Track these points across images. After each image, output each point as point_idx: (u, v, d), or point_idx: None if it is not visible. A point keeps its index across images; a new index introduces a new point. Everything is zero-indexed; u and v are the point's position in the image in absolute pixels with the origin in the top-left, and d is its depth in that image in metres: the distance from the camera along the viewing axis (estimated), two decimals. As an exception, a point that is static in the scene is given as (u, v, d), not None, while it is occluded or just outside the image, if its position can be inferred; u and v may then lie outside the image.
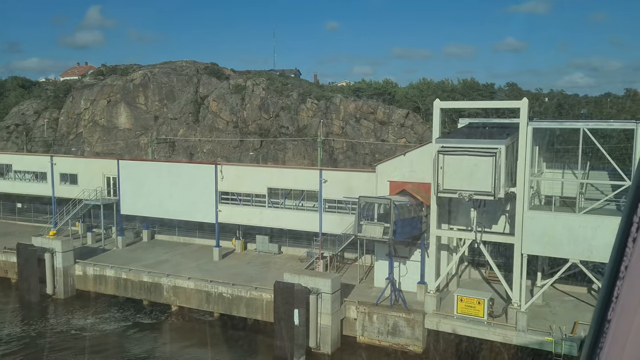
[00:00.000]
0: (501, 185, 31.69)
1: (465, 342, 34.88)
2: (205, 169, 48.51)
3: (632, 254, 1.61)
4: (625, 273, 1.62)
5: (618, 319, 1.62)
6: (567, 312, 35.86)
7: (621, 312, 1.62)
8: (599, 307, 1.69)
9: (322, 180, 43.77)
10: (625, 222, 1.62)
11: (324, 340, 36.33)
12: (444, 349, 35.40)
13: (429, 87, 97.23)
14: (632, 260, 1.60)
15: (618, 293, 1.63)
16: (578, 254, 31.28)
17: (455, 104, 45.38)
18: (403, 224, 34.20)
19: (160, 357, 35.89)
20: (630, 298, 1.61)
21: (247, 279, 42.79)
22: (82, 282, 46.80)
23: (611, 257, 1.67)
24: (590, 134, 30.19)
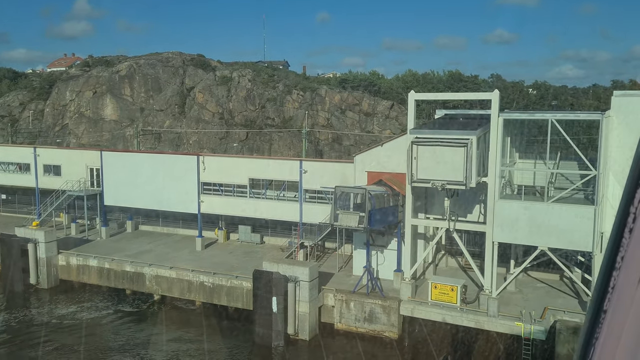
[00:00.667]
0: (473, 175, 32.52)
1: (439, 328, 35.83)
2: (187, 160, 49.05)
3: (628, 244, 1.60)
4: (621, 264, 1.61)
5: (614, 310, 1.62)
6: (538, 299, 36.89)
7: (617, 303, 1.62)
8: (595, 297, 1.68)
9: (302, 170, 44.46)
10: (622, 213, 1.61)
11: (302, 327, 37.15)
12: (418, 334, 36.35)
13: (414, 79, 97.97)
14: (628, 251, 1.60)
15: (614, 283, 1.63)
16: (546, 242, 32.24)
17: (430, 96, 46.19)
18: (378, 213, 35.00)
19: (140, 344, 36.54)
20: (626, 289, 1.60)
21: (228, 268, 43.47)
22: (66, 272, 47.29)
23: (607, 247, 1.66)
24: (558, 125, 31.04)
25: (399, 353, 35.71)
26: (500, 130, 32.57)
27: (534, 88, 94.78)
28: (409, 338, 36.47)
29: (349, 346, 36.56)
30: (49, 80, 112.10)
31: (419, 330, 36.62)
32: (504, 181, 35.01)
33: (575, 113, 34.03)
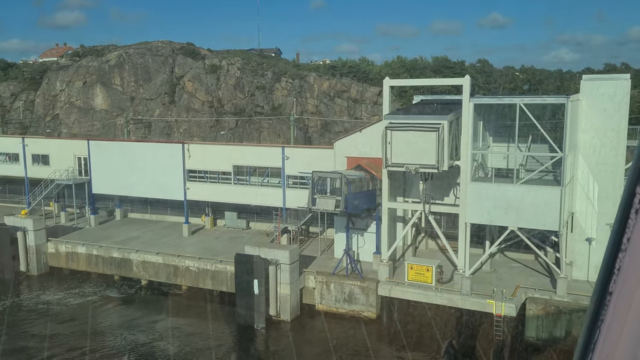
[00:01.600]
0: (445, 158, 33.55)
1: (415, 307, 37.03)
2: (173, 148, 49.93)
3: (634, 225, 1.58)
4: (627, 245, 1.60)
5: (620, 292, 1.61)
6: (512, 278, 38.11)
7: (623, 285, 1.61)
8: (601, 279, 1.67)
9: (284, 157, 45.41)
10: (627, 193, 1.60)
11: (284, 308, 38.33)
12: (395, 314, 37.56)
13: (402, 65, 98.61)
14: (634, 233, 1.58)
15: (620, 265, 1.61)
16: (515, 222, 33.37)
17: (403, 82, 47.19)
18: (355, 197, 36.03)
19: (125, 327, 37.68)
20: (632, 270, 1.59)
21: (213, 253, 44.54)
22: (55, 259, 48.33)
23: (613, 229, 1.65)
24: (526, 109, 32.02)
25: (376, 332, 36.95)
26: (471, 115, 33.52)
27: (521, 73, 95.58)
28: (386, 317, 37.68)
29: (329, 326, 37.75)
30: (40, 71, 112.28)
31: (396, 309, 37.83)
32: (477, 164, 36.01)
33: (542, 97, 34.97)
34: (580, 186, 36.42)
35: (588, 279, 36.61)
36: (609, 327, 1.65)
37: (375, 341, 36.05)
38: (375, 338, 36.40)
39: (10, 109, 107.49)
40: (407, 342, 35.05)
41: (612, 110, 34.88)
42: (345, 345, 35.28)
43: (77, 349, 34.19)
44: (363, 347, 34.94)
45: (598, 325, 1.68)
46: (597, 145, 35.55)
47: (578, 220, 36.96)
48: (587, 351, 1.70)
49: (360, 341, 35.68)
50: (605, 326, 1.65)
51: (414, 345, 34.65)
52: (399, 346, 34.94)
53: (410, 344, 34.90)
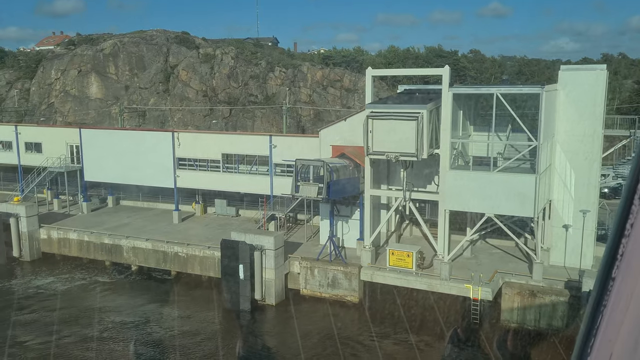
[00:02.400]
0: (424, 147, 34.42)
1: (397, 291, 38.04)
2: (163, 136, 50.71)
3: (638, 211, 1.59)
4: (630, 231, 1.60)
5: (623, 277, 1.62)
6: (491, 263, 39.08)
7: (626, 270, 1.61)
8: (604, 264, 1.67)
9: (271, 145, 46.23)
10: (631, 180, 1.60)
11: (269, 292, 39.33)
12: (377, 298, 38.60)
13: (395, 55, 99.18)
14: (638, 218, 1.59)
15: (623, 251, 1.62)
16: (492, 209, 34.30)
17: (386, 72, 47.98)
18: (337, 184, 36.91)
19: (113, 311, 38.70)
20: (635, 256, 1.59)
21: (202, 240, 45.45)
22: (47, 245, 49.27)
23: (617, 214, 1.65)
24: (503, 99, 32.84)
25: (359, 316, 37.97)
26: (450, 104, 34.32)
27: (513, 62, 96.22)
28: (368, 301, 38.70)
29: (313, 310, 38.81)
30: (36, 59, 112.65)
31: (378, 294, 38.86)
32: (456, 152, 36.87)
33: (518, 87, 35.75)
34: (558, 174, 37.32)
35: (565, 264, 37.59)
36: (612, 312, 1.66)
37: (357, 324, 37.09)
38: (358, 321, 37.43)
39: (6, 97, 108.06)
40: (388, 325, 36.07)
41: (589, 100, 35.70)
42: (328, 328, 36.29)
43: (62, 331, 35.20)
44: (345, 330, 35.97)
45: (601, 310, 1.68)
46: (574, 134, 36.39)
47: (555, 208, 37.90)
48: (590, 336, 1.72)
49: (343, 324, 36.70)
50: (608, 312, 1.66)
51: (394, 328, 35.65)
52: (380, 329, 35.91)
53: (391, 326, 35.91)
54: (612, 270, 1.66)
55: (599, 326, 1.70)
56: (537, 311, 33.87)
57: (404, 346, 33.75)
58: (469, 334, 34.57)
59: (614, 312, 1.66)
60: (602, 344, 1.70)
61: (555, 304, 33.34)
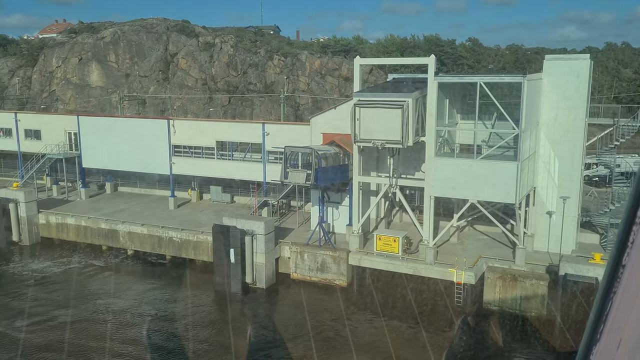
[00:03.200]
0: (410, 134, 35.22)
1: (384, 275, 39.04)
2: (159, 123, 51.63)
3: None
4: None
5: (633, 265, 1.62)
6: (476, 249, 40.01)
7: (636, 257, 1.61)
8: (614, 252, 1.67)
9: (264, 133, 47.09)
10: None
11: (260, 276, 40.39)
12: (365, 282, 39.61)
13: (394, 44, 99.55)
14: None
15: (634, 238, 1.62)
16: (475, 195, 35.16)
17: (374, 61, 48.61)
18: (325, 171, 37.80)
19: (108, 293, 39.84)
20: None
21: (196, 225, 46.48)
22: (46, 229, 50.43)
23: (627, 202, 1.66)
24: (486, 87, 33.56)
25: (347, 299, 38.99)
26: (435, 93, 35.06)
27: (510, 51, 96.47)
28: (356, 285, 39.73)
29: (302, 293, 39.82)
30: (37, 47, 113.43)
31: (365, 278, 39.87)
32: (442, 140, 37.65)
33: (500, 76, 36.42)
34: (542, 161, 38.11)
35: (548, 250, 38.47)
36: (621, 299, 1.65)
37: (345, 307, 38.09)
38: (345, 304, 38.43)
39: (8, 85, 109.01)
40: (375, 308, 37.07)
41: (572, 89, 36.40)
42: (316, 310, 37.35)
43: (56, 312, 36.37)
44: (333, 313, 37.01)
45: (610, 297, 1.67)
46: (557, 122, 37.13)
47: (539, 194, 38.72)
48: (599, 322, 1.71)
49: (331, 307, 37.75)
50: (618, 298, 1.66)
51: (381, 311, 36.65)
52: (367, 312, 36.93)
53: (378, 309, 36.92)
54: (622, 258, 1.65)
55: (608, 313, 1.70)
56: (518, 295, 34.82)
57: (390, 328, 34.69)
58: (479, 321, 35.38)
59: (623, 299, 1.66)
60: (612, 330, 1.70)
61: (535, 288, 34.27)
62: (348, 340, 33.37)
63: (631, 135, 38.29)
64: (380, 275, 39.41)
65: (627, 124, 37.35)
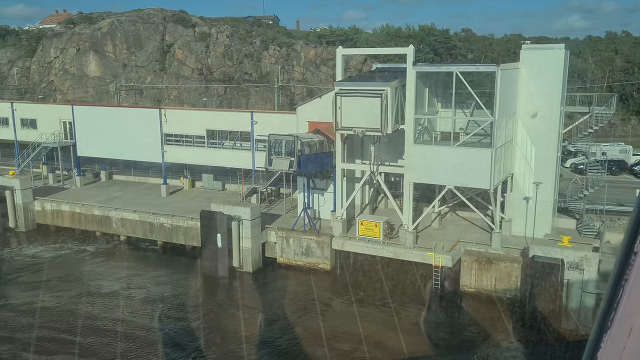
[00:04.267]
0: (389, 122, 36.36)
1: (367, 259, 40.35)
2: (151, 112, 52.82)
3: None
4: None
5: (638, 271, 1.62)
6: (456, 234, 41.22)
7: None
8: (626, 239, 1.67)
9: (253, 121, 48.26)
10: None
11: (246, 260, 41.73)
12: (348, 265, 40.93)
13: (388, 34, 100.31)
14: None
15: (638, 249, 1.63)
16: (452, 181, 36.35)
17: (356, 51, 49.90)
18: (308, 158, 39.01)
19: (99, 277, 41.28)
20: None
21: (187, 212, 47.73)
22: (42, 216, 51.83)
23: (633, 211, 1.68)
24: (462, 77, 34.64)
25: (330, 282, 40.34)
26: (413, 82, 36.14)
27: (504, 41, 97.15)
28: (339, 269, 41.05)
29: (287, 276, 41.24)
30: (36, 38, 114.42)
31: (349, 262, 41.19)
32: (421, 128, 38.77)
33: (475, 65, 37.46)
34: (519, 149, 39.21)
35: (525, 234, 39.65)
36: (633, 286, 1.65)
37: (328, 290, 39.46)
38: (329, 287, 39.80)
39: (7, 75, 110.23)
40: (356, 290, 38.40)
41: (548, 78, 37.41)
42: (300, 292, 38.74)
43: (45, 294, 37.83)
44: (316, 294, 38.35)
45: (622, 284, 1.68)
46: (534, 110, 38.17)
47: (517, 180, 39.87)
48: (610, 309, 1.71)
49: (314, 289, 39.08)
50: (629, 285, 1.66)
51: (362, 293, 37.97)
52: (348, 294, 38.23)
53: (359, 291, 38.25)
54: (634, 245, 1.65)
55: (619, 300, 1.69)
56: (492, 277, 36.08)
57: (369, 310, 36.00)
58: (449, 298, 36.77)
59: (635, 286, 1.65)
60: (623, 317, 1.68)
61: (509, 270, 35.52)
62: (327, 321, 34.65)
63: (605, 122, 39.33)
64: (363, 259, 40.70)
65: (601, 112, 38.36)
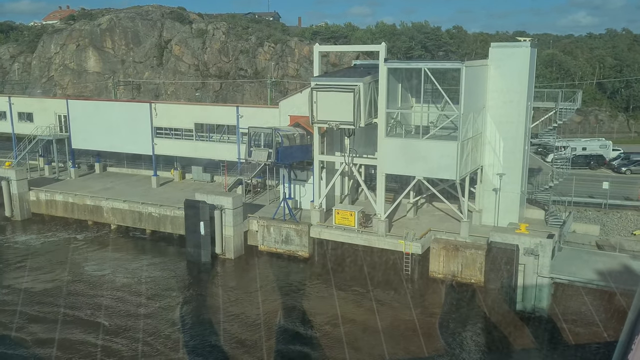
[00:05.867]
0: (362, 116, 38.25)
1: (344, 247, 42.26)
2: (142, 107, 54.81)
3: None
4: None
5: None
6: (430, 223, 43.04)
7: None
8: None
9: (238, 115, 50.19)
10: None
11: (228, 247, 43.73)
12: (325, 253, 42.88)
13: (381, 31, 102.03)
14: None
15: None
16: (421, 172, 38.22)
17: (331, 48, 51.61)
18: (286, 150, 40.92)
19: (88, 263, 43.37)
20: None
21: (175, 202, 49.66)
22: (36, 206, 53.97)
23: None
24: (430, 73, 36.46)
25: (308, 268, 42.28)
26: (385, 78, 37.97)
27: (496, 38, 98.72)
28: (317, 256, 42.98)
29: (267, 263, 43.20)
30: (38, 34, 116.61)
31: (327, 249, 43.13)
32: (394, 122, 40.60)
33: (442, 62, 39.19)
34: (488, 142, 41.00)
35: (495, 224, 41.47)
36: None
37: (306, 275, 41.41)
38: (307, 273, 41.76)
39: (9, 70, 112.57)
40: (332, 276, 40.33)
41: (515, 74, 39.15)
42: (279, 276, 40.72)
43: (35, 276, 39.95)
44: (294, 279, 40.35)
45: None
46: (502, 105, 39.95)
47: (486, 173, 41.66)
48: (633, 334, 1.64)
49: (292, 276, 41.08)
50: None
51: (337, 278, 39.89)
52: (324, 279, 40.15)
53: (335, 276, 40.18)
54: None
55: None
56: (459, 263, 37.96)
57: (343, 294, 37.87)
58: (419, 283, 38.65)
59: None
60: None
61: (475, 256, 37.37)
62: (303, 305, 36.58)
63: (569, 117, 41.09)
64: (340, 247, 42.60)
65: (565, 107, 40.10)
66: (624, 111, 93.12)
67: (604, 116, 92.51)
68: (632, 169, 57.78)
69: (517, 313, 33.10)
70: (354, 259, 42.05)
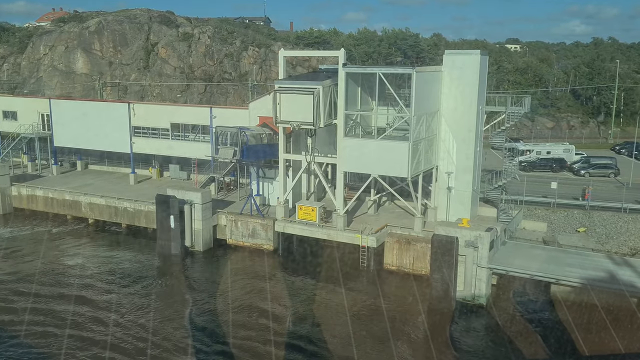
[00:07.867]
0: (321, 117, 40.78)
1: (307, 241, 44.74)
2: (120, 107, 57.21)
3: None
4: None
5: None
6: (389, 219, 45.52)
7: None
8: None
9: (212, 116, 52.64)
10: None
11: (197, 241, 46.11)
12: (289, 246, 45.36)
13: (363, 37, 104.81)
14: None
15: None
16: (376, 170, 40.78)
17: (295, 53, 54.44)
18: (252, 148, 43.42)
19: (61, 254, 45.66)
20: None
21: (150, 198, 51.75)
22: (18, 201, 56.22)
23: None
24: (384, 78, 39.06)
25: (272, 260, 44.66)
26: (343, 81, 40.51)
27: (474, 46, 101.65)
28: (281, 249, 45.41)
29: (234, 255, 45.61)
30: (29, 35, 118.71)
31: (291, 243, 45.60)
32: (353, 123, 43.14)
33: (395, 67, 41.82)
34: (442, 143, 43.61)
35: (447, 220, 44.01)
36: None
37: (271, 267, 43.79)
38: (271, 265, 44.12)
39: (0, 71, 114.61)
40: (294, 268, 42.76)
41: (466, 80, 41.78)
42: (245, 267, 43.12)
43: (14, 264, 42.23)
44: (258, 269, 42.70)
45: None
46: (454, 109, 42.57)
47: (441, 172, 44.24)
48: None
49: (256, 267, 43.44)
50: None
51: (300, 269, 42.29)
52: (287, 271, 42.49)
53: (297, 267, 42.62)
54: None
55: None
56: (411, 256, 40.49)
57: (303, 284, 40.26)
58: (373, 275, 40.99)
59: None
60: None
61: (425, 250, 39.86)
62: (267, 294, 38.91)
63: (516, 120, 43.79)
64: (304, 241, 45.09)
65: (513, 111, 42.74)
66: (595, 117, 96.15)
67: (576, 122, 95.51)
68: (590, 172, 60.59)
69: (457, 301, 35.60)
70: (316, 251, 44.54)
